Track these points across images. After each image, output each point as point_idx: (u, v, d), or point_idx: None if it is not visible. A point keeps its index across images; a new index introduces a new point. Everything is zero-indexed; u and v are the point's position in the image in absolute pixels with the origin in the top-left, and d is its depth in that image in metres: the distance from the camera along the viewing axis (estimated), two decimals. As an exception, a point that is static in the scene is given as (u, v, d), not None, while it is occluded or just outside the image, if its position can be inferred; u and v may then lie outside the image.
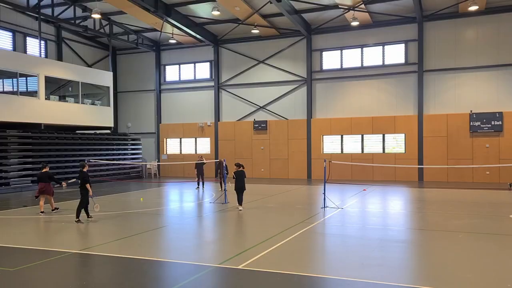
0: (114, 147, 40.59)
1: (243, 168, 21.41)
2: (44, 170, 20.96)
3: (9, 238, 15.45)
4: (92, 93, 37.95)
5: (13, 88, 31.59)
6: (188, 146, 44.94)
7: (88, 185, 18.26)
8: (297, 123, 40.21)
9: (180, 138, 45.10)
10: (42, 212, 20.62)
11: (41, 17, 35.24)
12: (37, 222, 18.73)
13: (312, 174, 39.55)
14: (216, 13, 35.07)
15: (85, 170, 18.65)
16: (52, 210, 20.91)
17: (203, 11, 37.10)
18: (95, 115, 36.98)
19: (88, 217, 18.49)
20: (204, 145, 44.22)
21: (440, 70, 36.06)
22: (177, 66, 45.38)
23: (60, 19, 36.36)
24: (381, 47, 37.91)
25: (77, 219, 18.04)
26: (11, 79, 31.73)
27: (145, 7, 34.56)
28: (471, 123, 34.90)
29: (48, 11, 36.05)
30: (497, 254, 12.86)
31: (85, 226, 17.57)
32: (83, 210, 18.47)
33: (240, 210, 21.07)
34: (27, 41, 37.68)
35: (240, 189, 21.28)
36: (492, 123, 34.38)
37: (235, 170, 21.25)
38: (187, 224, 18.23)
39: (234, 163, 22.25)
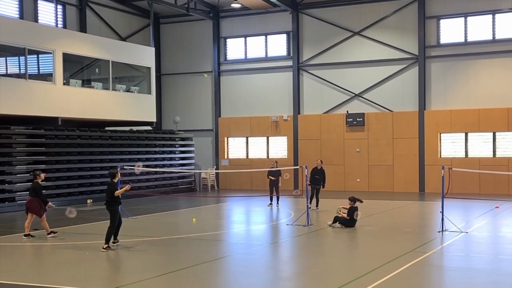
0: (157, 149, 41.08)
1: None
2: (35, 180, 21.15)
3: (13, 273, 15.48)
4: (127, 76, 38.63)
5: (19, 70, 31.97)
6: (257, 147, 45.29)
7: (119, 191, 18.62)
8: (406, 116, 39.93)
9: (247, 137, 45.50)
10: (25, 235, 20.74)
11: (58, -27, 36.05)
12: (51, 252, 19.24)
13: (426, 186, 39.28)
14: (295, -34, 35.30)
15: (115, 180, 19.08)
16: (48, 234, 21.02)
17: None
18: (131, 106, 37.41)
19: (113, 240, 18.71)
20: (279, 147, 44.51)
21: None
22: (243, 39, 45.81)
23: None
24: (520, 12, 37.37)
25: (106, 246, 18.31)
26: (17, 57, 32.14)
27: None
28: None
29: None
30: None
31: (117, 255, 17.91)
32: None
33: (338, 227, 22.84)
34: (38, 5, 37.70)
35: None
36: None
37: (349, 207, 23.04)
38: (256, 253, 18.46)
39: (348, 197, 23.66)
